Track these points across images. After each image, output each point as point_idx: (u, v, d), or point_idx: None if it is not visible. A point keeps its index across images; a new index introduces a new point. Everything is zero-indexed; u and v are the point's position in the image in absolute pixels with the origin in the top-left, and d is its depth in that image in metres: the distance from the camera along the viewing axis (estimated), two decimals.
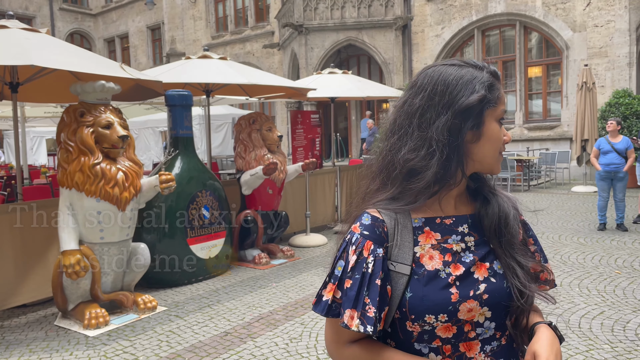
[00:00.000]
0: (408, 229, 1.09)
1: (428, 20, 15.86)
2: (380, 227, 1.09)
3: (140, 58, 26.27)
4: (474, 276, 1.08)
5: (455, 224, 1.12)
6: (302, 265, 6.01)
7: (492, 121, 1.11)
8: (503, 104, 1.13)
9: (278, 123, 19.51)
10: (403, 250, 1.07)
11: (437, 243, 1.09)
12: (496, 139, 1.12)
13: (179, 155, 5.47)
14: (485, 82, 1.11)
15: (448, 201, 1.14)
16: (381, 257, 1.06)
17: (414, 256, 1.07)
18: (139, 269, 4.63)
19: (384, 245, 1.07)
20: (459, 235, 1.11)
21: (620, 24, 12.69)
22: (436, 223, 1.11)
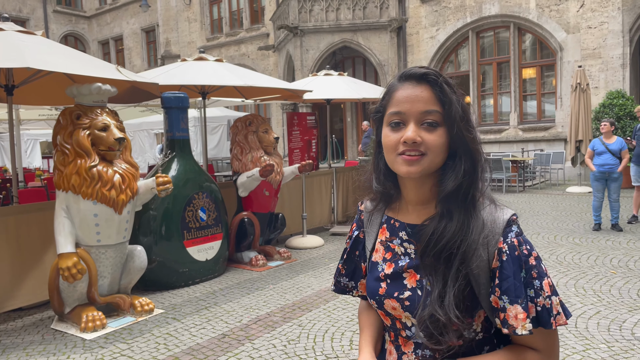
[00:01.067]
0: (377, 221, 1.25)
1: (423, 22, 15.92)
2: (359, 214, 1.34)
3: (135, 60, 26.21)
4: (404, 281, 1.13)
5: (399, 228, 1.18)
6: (299, 267, 6.01)
7: (385, 126, 1.12)
8: (394, 106, 1.09)
9: (273, 125, 19.51)
10: (370, 238, 1.26)
11: (384, 240, 1.21)
12: (386, 144, 1.10)
13: (175, 158, 5.47)
14: (384, 91, 1.15)
15: (405, 206, 1.19)
16: (357, 237, 1.30)
17: (374, 246, 1.24)
18: (136, 272, 4.62)
19: (361, 229, 1.30)
20: (399, 239, 1.17)
21: (613, 25, 12.78)
22: (391, 223, 1.21)
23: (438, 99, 1.06)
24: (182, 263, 5.32)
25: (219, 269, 5.75)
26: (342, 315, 4.32)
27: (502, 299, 1.03)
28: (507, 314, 1.02)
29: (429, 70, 1.08)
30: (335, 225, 8.29)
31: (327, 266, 6.00)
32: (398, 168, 1.08)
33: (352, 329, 4.02)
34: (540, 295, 1.03)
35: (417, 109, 1.06)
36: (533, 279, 1.03)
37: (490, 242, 1.05)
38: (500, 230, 1.06)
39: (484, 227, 1.06)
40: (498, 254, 1.05)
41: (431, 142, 1.05)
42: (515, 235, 1.06)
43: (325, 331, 4.00)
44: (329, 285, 5.21)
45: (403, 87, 1.09)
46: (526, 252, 1.05)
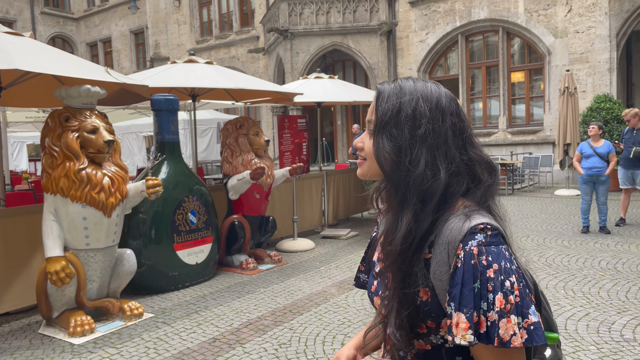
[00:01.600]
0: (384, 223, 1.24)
1: (412, 26, 16.00)
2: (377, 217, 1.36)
3: (124, 62, 26.05)
4: (386, 281, 1.13)
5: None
6: (290, 270, 5.99)
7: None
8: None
9: (264, 128, 19.48)
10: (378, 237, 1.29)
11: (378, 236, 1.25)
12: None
13: (165, 160, 5.43)
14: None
15: None
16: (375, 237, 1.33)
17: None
18: (125, 276, 4.58)
19: (377, 231, 1.34)
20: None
21: (600, 30, 12.93)
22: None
23: (375, 108, 1.12)
24: (172, 267, 5.27)
25: (209, 273, 5.71)
26: (333, 319, 4.31)
27: (450, 305, 1.00)
28: (451, 320, 0.99)
29: (382, 83, 1.16)
30: (326, 229, 8.28)
31: (318, 269, 5.99)
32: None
33: (343, 332, 4.00)
34: (491, 309, 0.97)
35: (367, 118, 1.16)
36: (487, 292, 0.98)
37: (451, 248, 1.02)
38: (461, 236, 1.02)
39: (445, 236, 1.03)
40: (455, 260, 1.01)
41: (367, 149, 1.13)
42: (476, 244, 1.00)
43: (317, 335, 3.98)
44: (320, 289, 5.20)
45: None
46: (485, 262, 0.99)
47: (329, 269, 5.98)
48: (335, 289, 5.19)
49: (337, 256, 6.63)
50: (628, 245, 6.52)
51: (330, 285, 5.33)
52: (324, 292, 5.10)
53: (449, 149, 1.07)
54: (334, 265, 6.14)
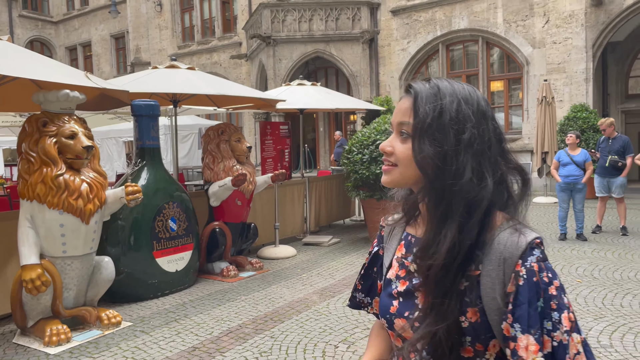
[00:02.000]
0: (397, 238, 1.20)
1: (394, 35, 16.14)
2: (380, 230, 1.29)
3: (104, 67, 25.76)
4: (415, 301, 1.05)
5: (414, 244, 1.11)
6: (271, 278, 5.95)
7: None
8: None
9: (246, 134, 19.42)
10: (388, 254, 1.20)
11: (400, 257, 1.14)
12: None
13: (145, 166, 5.37)
14: None
15: (422, 220, 1.11)
16: (377, 254, 1.27)
17: (391, 262, 1.18)
18: (103, 284, 4.50)
19: (380, 246, 1.26)
20: (413, 257, 1.08)
21: (577, 41, 13.21)
22: (408, 239, 1.15)
23: (413, 110, 1.03)
24: (151, 274, 5.20)
25: (190, 280, 5.65)
26: (314, 326, 4.29)
27: (513, 327, 0.93)
28: (517, 343, 0.92)
29: (415, 82, 1.06)
30: (307, 235, 8.26)
31: (300, 276, 5.97)
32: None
33: (324, 340, 3.99)
34: (557, 329, 0.92)
35: (396, 120, 1.07)
36: (552, 310, 0.93)
37: (508, 265, 0.95)
38: (519, 252, 0.95)
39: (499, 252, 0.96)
40: (515, 278, 0.94)
41: (399, 154, 1.03)
42: (536, 260, 0.95)
43: (298, 342, 3.96)
44: (301, 296, 5.18)
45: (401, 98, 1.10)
46: (547, 279, 0.95)
47: (311, 276, 5.96)
48: (317, 296, 5.17)
49: (318, 263, 6.62)
50: (604, 253, 6.64)
51: (312, 292, 5.31)
52: (305, 299, 5.08)
53: (492, 155, 1.01)
54: (316, 273, 6.13)
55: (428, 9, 15.47)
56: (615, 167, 7.76)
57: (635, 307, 4.56)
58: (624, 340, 3.86)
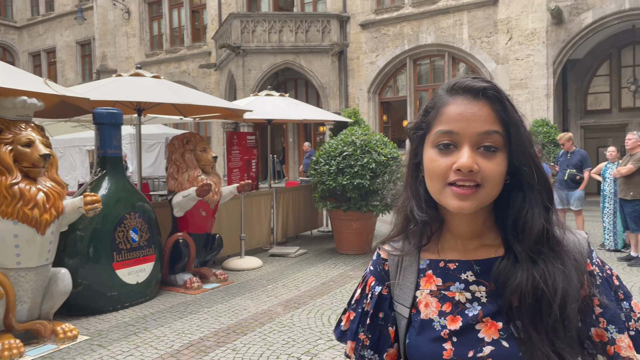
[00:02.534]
0: (412, 269, 1.01)
1: (363, 48, 16.35)
2: (381, 264, 1.06)
3: (68, 74, 25.20)
4: (478, 335, 0.89)
5: (458, 269, 0.96)
6: (236, 289, 5.88)
7: (429, 147, 0.93)
8: (444, 124, 0.91)
9: (214, 144, 19.26)
10: (404, 291, 1.00)
11: (436, 289, 0.96)
12: (432, 170, 0.91)
13: (106, 176, 5.25)
14: (429, 104, 0.97)
15: (452, 242, 0.99)
16: (381, 295, 1.03)
17: (414, 300, 0.98)
18: (59, 296, 4.35)
19: (384, 283, 1.04)
20: (463, 284, 0.94)
21: (538, 58, 13.65)
22: (439, 267, 0.98)
23: (499, 119, 0.88)
24: (110, 286, 5.07)
25: (151, 292, 5.53)
26: (277, 339, 4.25)
27: (608, 330, 0.87)
28: (618, 345, 0.87)
29: (488, 84, 0.90)
30: (274, 246, 8.21)
31: (265, 288, 5.92)
32: (447, 201, 0.89)
33: (287, 352, 3.96)
34: (631, 318, 0.90)
35: (473, 130, 0.88)
36: (621, 301, 0.91)
37: (579, 268, 0.89)
38: (585, 252, 0.92)
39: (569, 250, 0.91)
40: (589, 279, 0.90)
41: (489, 171, 0.87)
42: (596, 255, 0.95)
43: (260, 355, 3.91)
44: (265, 308, 5.13)
45: (455, 101, 0.90)
46: (609, 271, 0.94)
47: (276, 288, 5.92)
48: (281, 307, 5.13)
49: (284, 274, 6.58)
50: None
51: (277, 304, 5.27)
52: (269, 311, 5.04)
53: None
54: (281, 284, 6.09)
55: (396, 24, 15.75)
56: (573, 180, 8.00)
57: None
58: None
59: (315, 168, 7.73)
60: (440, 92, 0.94)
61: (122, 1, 21.73)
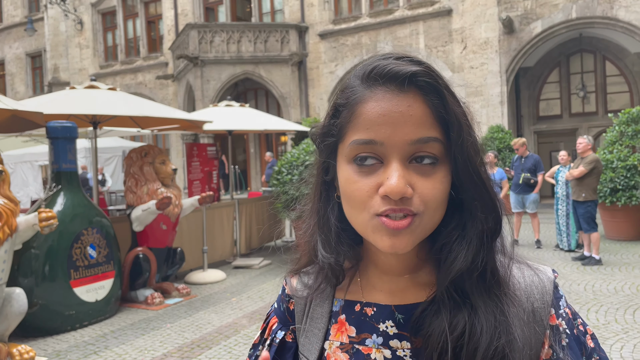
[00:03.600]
0: (323, 311, 0.77)
1: (322, 58, 16.49)
2: (286, 302, 0.84)
3: (18, 87, 24.34)
4: None
5: (376, 316, 0.72)
6: (199, 303, 5.79)
7: (345, 162, 0.67)
8: (363, 130, 0.64)
9: (173, 156, 18.95)
10: (310, 340, 0.77)
11: (348, 342, 0.73)
12: (351, 195, 0.66)
13: (61, 191, 5.09)
14: (339, 99, 0.70)
15: (375, 278, 0.75)
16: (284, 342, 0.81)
17: (322, 354, 0.75)
18: (14, 317, 4.17)
19: (289, 327, 0.82)
20: (381, 337, 0.71)
21: (492, 66, 14.10)
22: (355, 311, 0.75)
23: (437, 118, 0.64)
24: (68, 305, 4.90)
25: (111, 310, 5.37)
26: (243, 351, 4.21)
27: None
28: None
29: (418, 68, 0.64)
30: (238, 258, 8.13)
31: (229, 300, 5.85)
32: (375, 239, 0.64)
33: None
34: None
35: (403, 137, 0.63)
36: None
37: (538, 321, 0.67)
38: (549, 299, 0.68)
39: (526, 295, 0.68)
40: (553, 336, 0.67)
41: (429, 193, 0.63)
42: (566, 304, 0.71)
43: None
44: (230, 321, 5.07)
45: (375, 96, 0.64)
46: (582, 328, 0.70)
47: (241, 300, 5.85)
48: (247, 320, 5.08)
49: (249, 286, 6.52)
50: None
51: (242, 316, 5.21)
52: (234, 323, 4.98)
53: None
54: (246, 296, 6.03)
55: (354, 34, 15.97)
56: (528, 184, 8.27)
57: None
58: None
59: (277, 178, 7.71)
60: (355, 81, 0.68)
61: (75, 12, 21.20)
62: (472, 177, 0.66)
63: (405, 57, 0.66)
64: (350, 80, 0.69)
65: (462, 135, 0.64)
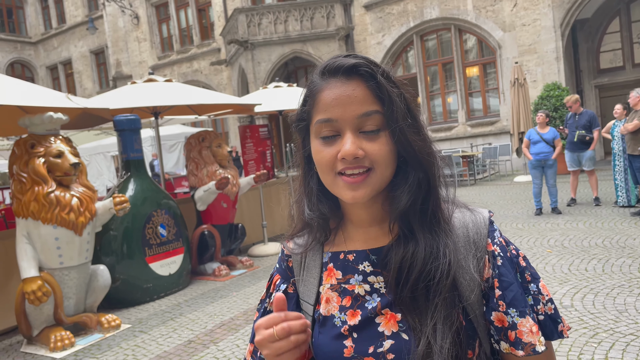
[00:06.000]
0: (316, 263, 0.97)
1: (369, 29, 16.46)
2: (285, 261, 1.03)
3: (86, 83, 25.90)
4: (378, 329, 0.86)
5: (356, 260, 0.91)
6: (262, 274, 6.26)
7: (314, 139, 0.88)
8: (322, 112, 0.85)
9: (232, 138, 19.67)
10: (308, 287, 0.97)
11: (337, 283, 0.92)
12: (320, 162, 0.86)
13: (131, 178, 5.65)
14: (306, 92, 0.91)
15: (352, 231, 0.95)
16: (287, 293, 0.99)
17: (318, 296, 0.95)
18: (100, 290, 4.79)
19: (290, 280, 1.00)
20: (361, 275, 0.90)
21: (545, 21, 13.58)
22: (339, 259, 0.94)
23: (376, 97, 0.83)
24: (145, 279, 5.49)
25: (183, 282, 5.94)
26: None
27: (508, 314, 0.83)
28: (519, 330, 0.82)
29: (359, 60, 0.84)
30: None
31: None
32: (340, 192, 0.85)
33: None
34: (539, 301, 0.86)
35: (352, 113, 0.83)
36: (528, 283, 0.87)
37: (478, 249, 0.86)
38: (485, 231, 0.88)
39: (465, 236, 0.87)
40: (491, 260, 0.86)
41: (376, 153, 0.82)
42: (500, 235, 0.90)
43: None
44: None
45: (329, 85, 0.85)
46: (514, 252, 0.90)
47: None
48: None
49: None
50: (576, 223, 6.99)
51: None
52: None
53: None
54: None
55: (400, 2, 15.80)
56: (583, 142, 8.11)
57: (598, 270, 4.90)
58: (584, 300, 4.19)
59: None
60: (314, 77, 0.89)
61: (130, 7, 22.18)
62: (404, 140, 0.84)
63: (350, 55, 0.86)
64: (312, 77, 0.90)
65: (393, 108, 0.83)
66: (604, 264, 5.04)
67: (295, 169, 1.00)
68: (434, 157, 0.88)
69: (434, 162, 0.88)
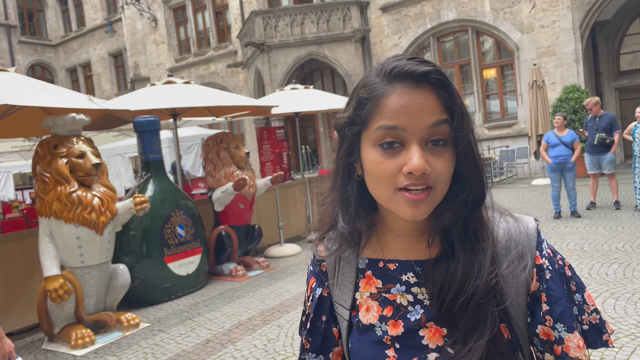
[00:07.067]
0: (351, 268, 0.95)
1: (385, 31, 16.44)
2: (318, 265, 1.01)
3: (104, 85, 26.25)
4: (422, 341, 0.85)
5: (399, 270, 0.90)
6: (278, 275, 6.28)
7: (370, 147, 0.82)
8: (386, 118, 0.79)
9: (248, 140, 19.78)
10: (343, 291, 0.95)
11: (377, 292, 0.91)
12: (378, 174, 0.81)
13: (150, 178, 5.72)
14: (362, 94, 0.84)
15: (392, 240, 0.92)
16: (322, 297, 0.99)
17: (354, 302, 0.94)
18: (120, 289, 4.85)
19: (324, 284, 0.99)
20: (404, 285, 0.88)
21: (564, 23, 13.44)
22: (379, 267, 0.92)
23: (445, 107, 0.79)
24: (164, 279, 5.55)
25: (201, 282, 5.99)
26: None
27: (555, 329, 0.83)
28: (566, 345, 0.82)
29: (430, 68, 0.79)
30: (312, 233, 8.58)
31: (305, 271, 6.30)
32: (399, 209, 0.80)
33: None
34: (584, 311, 0.86)
35: (422, 123, 0.78)
36: (573, 293, 0.86)
37: (526, 261, 0.84)
38: (533, 243, 0.85)
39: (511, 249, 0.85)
40: (539, 273, 0.85)
41: (440, 171, 0.79)
42: (547, 245, 0.88)
43: None
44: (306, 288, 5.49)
45: (396, 90, 0.79)
46: (561, 262, 0.88)
47: None
48: None
49: None
50: (596, 227, 6.89)
51: None
52: None
53: None
54: None
55: (416, 3, 15.76)
56: (603, 145, 8.00)
57: (619, 275, 4.83)
58: (605, 304, 4.14)
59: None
60: (375, 78, 0.83)
61: (149, 10, 22.45)
62: (468, 154, 0.82)
63: (415, 58, 0.81)
64: (370, 78, 0.84)
65: (463, 120, 0.80)
66: (625, 268, 4.97)
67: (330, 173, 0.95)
68: (486, 170, 0.86)
69: (484, 178, 0.86)
